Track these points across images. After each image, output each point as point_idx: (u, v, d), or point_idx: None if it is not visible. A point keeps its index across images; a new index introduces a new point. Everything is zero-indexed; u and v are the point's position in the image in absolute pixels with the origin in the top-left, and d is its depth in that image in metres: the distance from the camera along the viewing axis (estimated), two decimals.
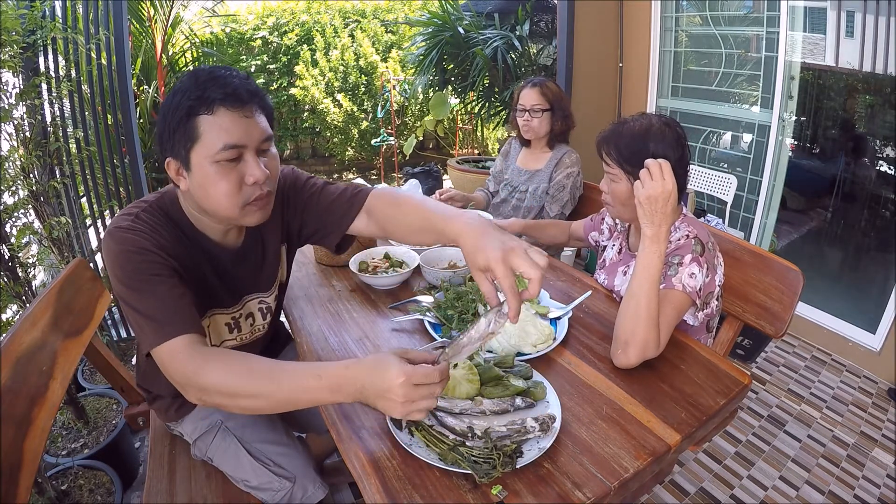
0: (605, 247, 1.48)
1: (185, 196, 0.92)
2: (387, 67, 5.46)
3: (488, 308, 0.77)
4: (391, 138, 5.18)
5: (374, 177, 5.86)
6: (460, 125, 5.52)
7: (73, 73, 2.01)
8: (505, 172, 2.14)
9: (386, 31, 5.80)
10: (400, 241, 1.17)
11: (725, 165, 2.98)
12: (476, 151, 5.62)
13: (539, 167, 2.02)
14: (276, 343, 1.39)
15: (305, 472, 1.14)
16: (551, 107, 1.95)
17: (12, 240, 1.59)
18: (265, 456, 1.13)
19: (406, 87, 5.37)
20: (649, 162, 1.02)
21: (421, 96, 5.42)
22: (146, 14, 3.12)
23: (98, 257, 2.28)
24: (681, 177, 1.11)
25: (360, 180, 1.68)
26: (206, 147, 0.82)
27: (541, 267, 0.72)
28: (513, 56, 3.65)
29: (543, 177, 1.99)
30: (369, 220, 1.04)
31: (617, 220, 1.45)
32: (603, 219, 1.52)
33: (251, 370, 0.77)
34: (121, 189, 2.22)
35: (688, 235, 1.14)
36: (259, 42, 5.57)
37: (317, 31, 5.51)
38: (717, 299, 1.20)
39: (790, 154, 2.68)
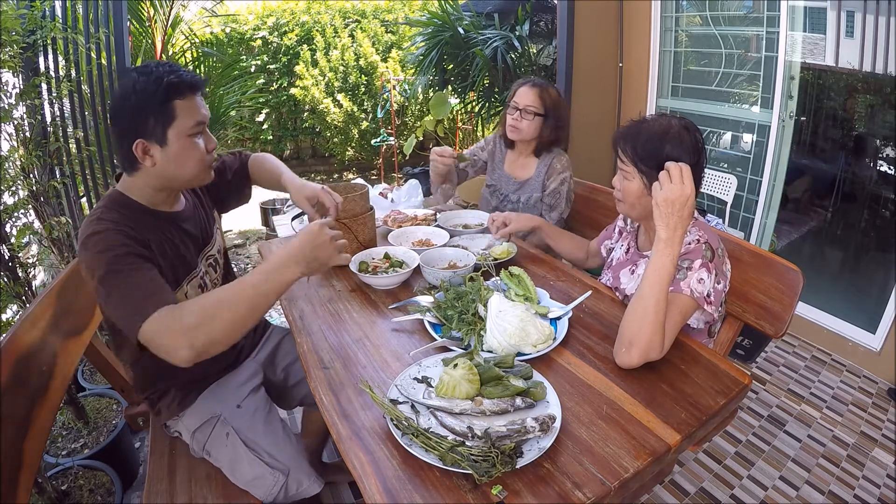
0: (612, 248, 1.48)
1: (144, 176, 1.05)
2: (387, 67, 5.47)
3: None
4: (391, 138, 5.18)
5: (374, 177, 5.86)
6: (460, 125, 5.52)
7: (73, 73, 2.01)
8: (491, 176, 2.07)
9: (386, 31, 5.80)
10: (262, 187, 1.46)
11: (725, 165, 2.98)
12: None
13: (529, 175, 1.94)
14: (255, 330, 1.44)
15: (299, 465, 1.16)
16: (546, 113, 1.83)
17: (12, 240, 1.59)
18: (259, 447, 1.15)
19: (406, 87, 5.38)
20: (670, 165, 1.01)
21: (421, 96, 5.42)
22: (146, 14, 3.11)
23: None
24: (695, 181, 1.10)
25: (360, 181, 1.68)
26: (182, 124, 1.01)
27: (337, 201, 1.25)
28: (513, 56, 3.65)
29: (535, 186, 1.92)
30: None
31: (627, 222, 1.45)
32: (615, 226, 1.51)
33: (213, 292, 0.92)
34: None
35: (698, 240, 1.14)
36: (259, 42, 5.57)
37: (317, 31, 5.51)
38: (720, 305, 1.20)
39: (790, 154, 2.68)
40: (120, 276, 0.91)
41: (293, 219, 2.66)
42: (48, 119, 2.00)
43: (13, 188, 1.66)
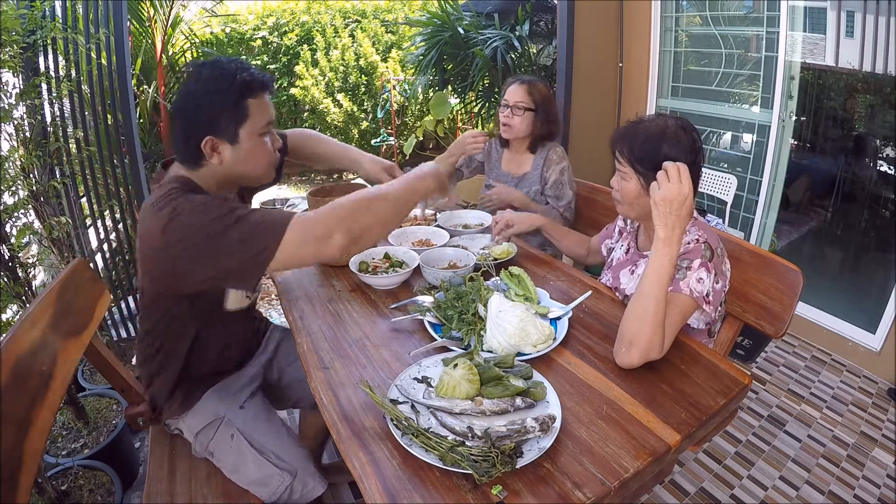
0: (613, 248, 1.49)
1: (209, 171, 1.04)
2: (387, 67, 5.47)
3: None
4: (391, 138, 5.18)
5: None
6: (460, 125, 5.52)
7: (73, 73, 2.01)
8: (490, 176, 2.08)
9: (386, 31, 5.80)
10: (311, 163, 1.53)
11: (725, 165, 2.98)
12: None
13: (526, 170, 1.97)
14: (257, 329, 1.43)
15: (305, 465, 1.16)
16: (535, 107, 1.87)
17: (12, 240, 1.59)
18: (265, 448, 1.15)
19: (406, 87, 5.38)
20: (667, 164, 1.02)
21: (421, 96, 5.42)
22: (146, 14, 3.12)
23: (98, 257, 2.28)
24: (693, 181, 1.10)
25: (360, 181, 1.69)
26: (253, 123, 1.01)
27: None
28: (513, 56, 3.65)
29: (533, 179, 1.94)
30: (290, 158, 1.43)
31: (627, 222, 1.45)
32: (616, 226, 1.52)
33: (358, 192, 0.97)
34: (121, 189, 2.22)
35: (697, 240, 1.14)
36: (259, 42, 5.57)
37: (317, 31, 5.51)
38: (720, 305, 1.20)
39: (790, 154, 2.68)
40: (236, 211, 0.90)
41: None
42: (48, 119, 1.99)
43: (13, 188, 1.66)
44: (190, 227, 0.89)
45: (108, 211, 2.22)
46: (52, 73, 1.99)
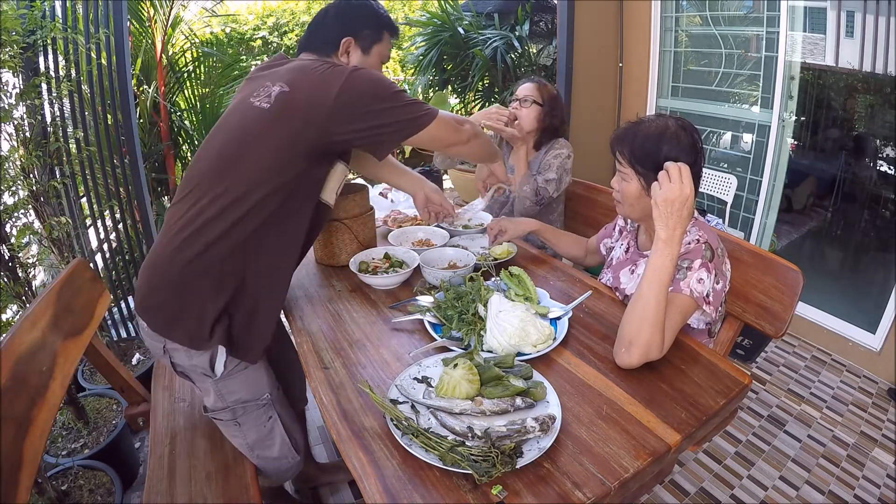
0: (612, 247, 1.49)
1: None
2: (387, 67, 5.47)
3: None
4: None
5: None
6: None
7: (73, 73, 2.01)
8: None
9: None
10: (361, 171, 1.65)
11: (725, 165, 2.98)
12: None
13: (530, 159, 1.98)
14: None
15: (305, 447, 1.32)
16: (542, 102, 1.90)
17: (12, 240, 1.59)
18: (292, 434, 1.25)
19: (406, 87, 5.38)
20: (669, 165, 1.02)
21: (421, 96, 5.42)
22: (146, 14, 3.12)
23: (98, 257, 2.28)
24: (693, 181, 1.10)
25: (360, 181, 1.69)
26: (381, 49, 1.25)
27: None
28: (513, 56, 3.65)
29: (533, 166, 1.94)
30: None
31: (627, 221, 1.45)
32: (616, 225, 1.52)
33: None
34: (121, 189, 2.22)
35: (698, 240, 1.14)
36: (259, 42, 5.57)
37: None
38: (720, 305, 1.20)
39: (790, 154, 2.68)
40: (398, 86, 1.10)
41: None
42: (48, 119, 1.99)
43: (13, 188, 1.66)
44: (372, 80, 1.05)
45: (108, 211, 2.22)
46: (52, 73, 1.99)
